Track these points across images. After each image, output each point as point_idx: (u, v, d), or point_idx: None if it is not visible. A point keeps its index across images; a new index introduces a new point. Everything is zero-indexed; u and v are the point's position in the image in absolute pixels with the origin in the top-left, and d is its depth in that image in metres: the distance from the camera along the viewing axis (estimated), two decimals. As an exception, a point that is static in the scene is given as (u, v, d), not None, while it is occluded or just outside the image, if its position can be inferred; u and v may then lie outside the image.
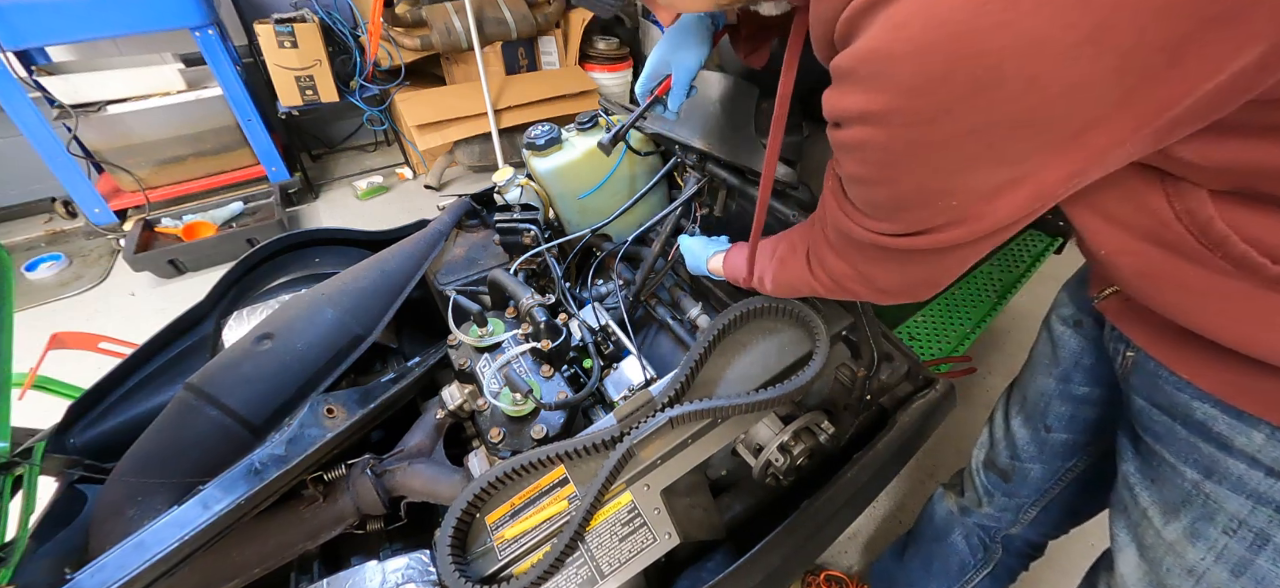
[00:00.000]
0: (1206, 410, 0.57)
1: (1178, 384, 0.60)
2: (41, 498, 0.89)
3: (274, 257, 1.33)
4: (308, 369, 1.01)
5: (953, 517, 1.11)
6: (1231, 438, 0.55)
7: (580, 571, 0.74)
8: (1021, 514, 1.00)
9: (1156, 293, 0.55)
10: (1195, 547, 0.61)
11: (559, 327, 1.01)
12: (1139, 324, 0.64)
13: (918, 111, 0.40)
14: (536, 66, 3.25)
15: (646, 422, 0.80)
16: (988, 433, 1.02)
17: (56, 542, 0.86)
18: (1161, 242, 0.51)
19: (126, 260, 2.36)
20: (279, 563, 0.84)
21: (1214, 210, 0.46)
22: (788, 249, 0.77)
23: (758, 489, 1.04)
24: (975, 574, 1.10)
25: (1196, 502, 0.60)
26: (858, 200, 0.56)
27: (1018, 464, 0.95)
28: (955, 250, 0.53)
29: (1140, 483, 0.68)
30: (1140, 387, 0.66)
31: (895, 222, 0.53)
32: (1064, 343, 0.85)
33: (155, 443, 0.90)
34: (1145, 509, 0.66)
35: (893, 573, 1.29)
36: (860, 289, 0.66)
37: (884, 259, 0.59)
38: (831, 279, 0.68)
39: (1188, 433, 0.60)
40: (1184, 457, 0.61)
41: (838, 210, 0.60)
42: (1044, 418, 0.89)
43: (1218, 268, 0.48)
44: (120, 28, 2.22)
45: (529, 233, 1.20)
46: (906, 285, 0.63)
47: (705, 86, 1.10)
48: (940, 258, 0.55)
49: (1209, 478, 0.58)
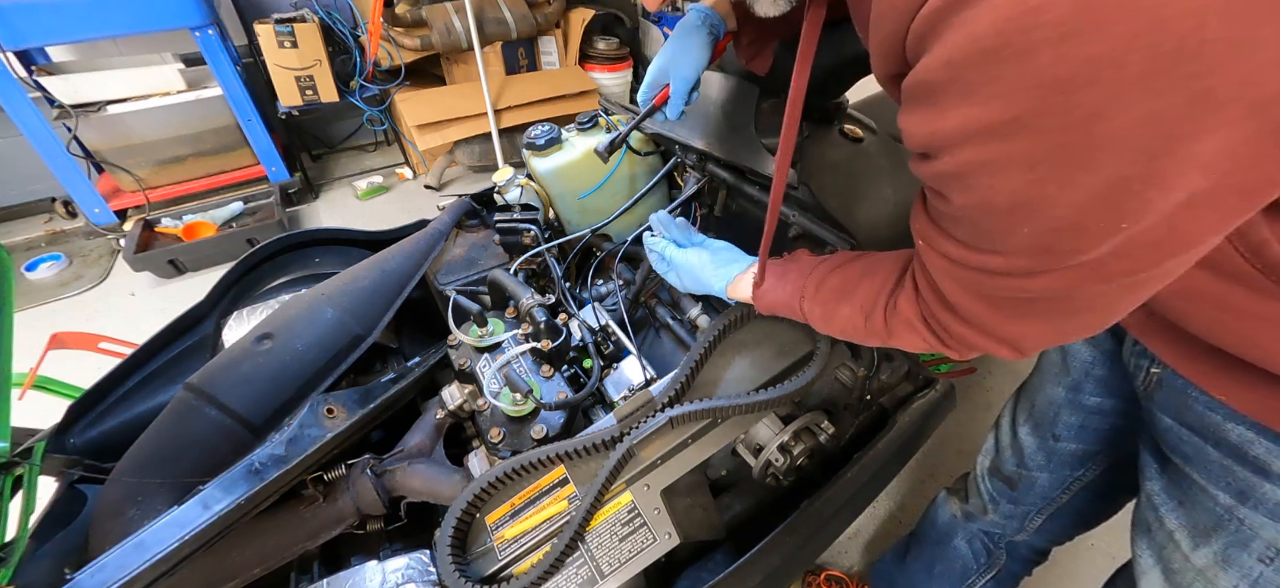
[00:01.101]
0: (1242, 433, 0.54)
1: (1209, 404, 0.57)
2: (41, 498, 0.89)
3: (274, 257, 1.33)
4: (308, 369, 1.01)
5: (956, 522, 1.10)
6: (1269, 462, 0.53)
7: (580, 571, 0.74)
8: (1027, 522, 0.98)
9: (1195, 312, 0.52)
10: (1227, 574, 0.58)
11: (559, 327, 1.01)
12: (1166, 340, 0.60)
13: (1072, 108, 0.31)
14: (536, 66, 3.25)
15: (646, 422, 0.80)
16: (994, 440, 1.01)
17: (56, 542, 0.86)
18: (1207, 261, 0.44)
19: (126, 260, 2.36)
20: (279, 563, 0.84)
21: (1269, 233, 0.42)
22: (870, 299, 0.62)
23: (758, 489, 1.04)
24: (978, 579, 1.09)
25: (1229, 527, 0.57)
26: (980, 235, 0.43)
27: (1024, 473, 0.93)
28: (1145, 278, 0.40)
29: (1166, 504, 0.65)
30: (1167, 405, 0.63)
31: (1051, 255, 0.40)
32: (1075, 352, 0.83)
33: (155, 443, 0.90)
34: (1172, 532, 0.64)
35: (894, 575, 1.28)
36: (996, 348, 0.52)
37: (1035, 308, 0.45)
38: (952, 339, 0.54)
39: (1221, 455, 0.57)
40: (1216, 480, 0.58)
41: (956, 260, 0.46)
42: (1053, 427, 0.87)
43: (1268, 291, 0.45)
44: (120, 28, 2.23)
45: (529, 233, 1.20)
46: (1060, 333, 0.50)
47: (706, 87, 1.10)
48: (1118, 292, 0.42)
49: (1244, 503, 0.56)
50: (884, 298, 0.60)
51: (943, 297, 0.51)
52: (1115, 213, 0.34)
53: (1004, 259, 0.42)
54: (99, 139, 2.43)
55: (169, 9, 2.23)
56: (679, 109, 0.87)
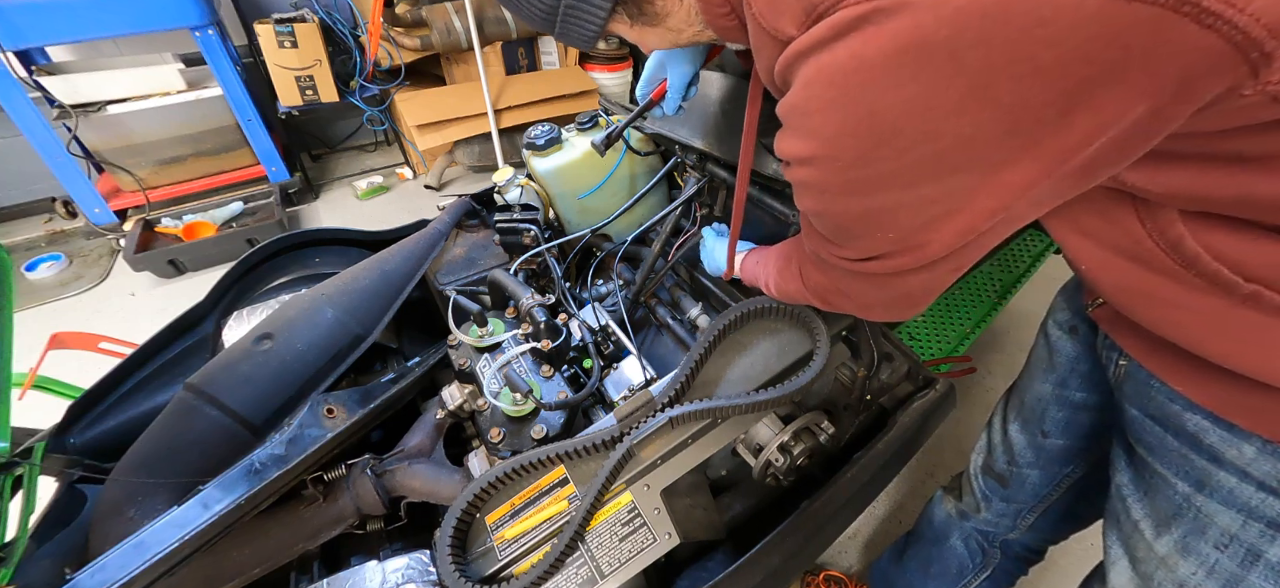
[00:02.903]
0: (1198, 422, 0.56)
1: (1170, 395, 0.59)
2: (41, 498, 0.89)
3: (274, 257, 1.33)
4: (308, 369, 1.01)
5: (951, 520, 1.11)
6: (1223, 451, 0.55)
7: (580, 571, 0.74)
8: (1020, 520, 0.99)
9: (1137, 307, 0.55)
10: (1186, 561, 0.60)
11: (559, 327, 1.01)
12: (1130, 334, 0.63)
13: (841, 157, 0.45)
14: (536, 66, 3.25)
15: (646, 422, 0.80)
16: (986, 438, 1.02)
17: (56, 542, 0.86)
18: (1137, 258, 0.51)
19: (126, 260, 2.36)
20: (279, 563, 0.84)
21: (1184, 229, 0.46)
22: (784, 259, 0.80)
23: (758, 489, 1.04)
24: (974, 578, 1.10)
25: (1188, 515, 0.59)
26: (817, 228, 0.59)
27: (1015, 470, 0.95)
28: (914, 274, 0.55)
29: (1133, 495, 0.67)
30: (1133, 396, 0.65)
31: (848, 248, 0.56)
32: (1060, 348, 0.84)
33: (155, 443, 0.90)
34: (1137, 522, 0.66)
35: (891, 575, 1.28)
36: (843, 303, 0.68)
37: (854, 279, 0.61)
38: (817, 292, 0.71)
39: (1180, 445, 0.59)
40: (1176, 469, 0.60)
41: (808, 233, 0.63)
42: (1041, 424, 0.89)
43: (1193, 285, 0.48)
44: (120, 28, 2.22)
45: (529, 233, 1.20)
46: (883, 302, 0.64)
47: (705, 87, 1.10)
48: (902, 280, 0.56)
49: (1200, 491, 0.57)
50: (797, 265, 0.75)
51: (807, 253, 0.69)
52: (871, 235, 0.51)
53: (826, 242, 0.59)
54: (99, 139, 2.43)
55: (169, 9, 2.23)
56: (676, 104, 0.87)
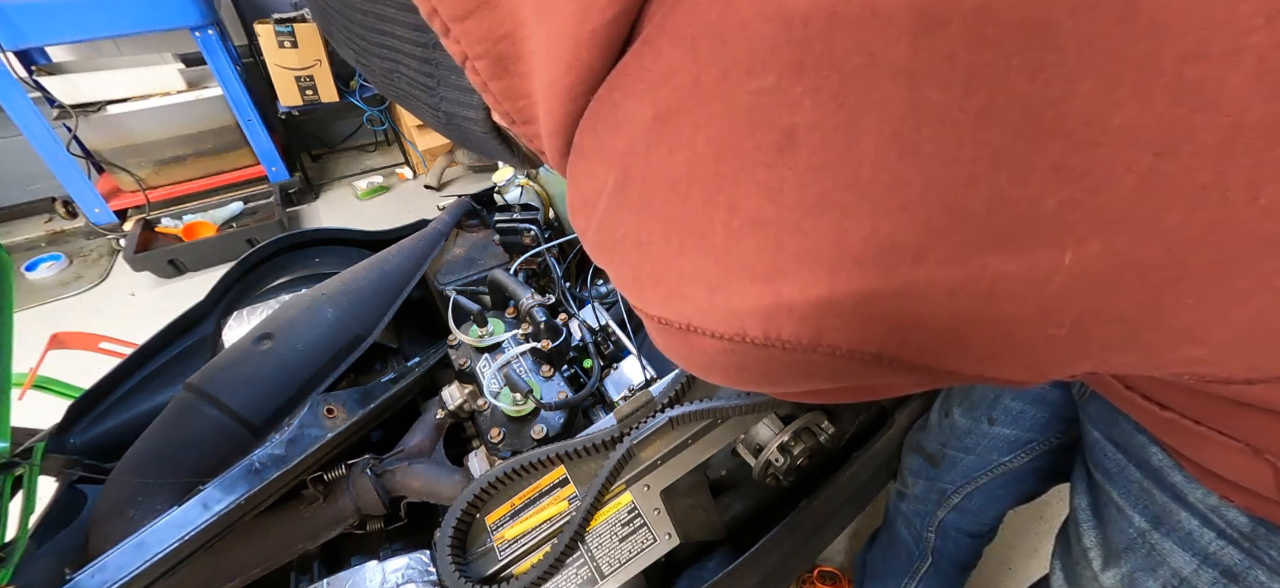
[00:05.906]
0: (1162, 458, 0.54)
1: (1135, 425, 0.56)
2: (41, 498, 0.89)
3: (274, 257, 1.33)
4: (308, 369, 1.01)
5: (895, 504, 1.12)
6: (1187, 492, 0.52)
7: (580, 571, 0.74)
8: (945, 499, 0.98)
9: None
10: None
11: (559, 327, 1.01)
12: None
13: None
14: (536, 66, 3.25)
15: (647, 422, 0.80)
16: (926, 418, 1.01)
17: (56, 542, 0.86)
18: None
19: (126, 260, 2.36)
20: (279, 563, 0.84)
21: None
22: None
23: (758, 489, 1.04)
24: (921, 564, 1.09)
25: (1140, 550, 0.57)
26: None
27: (948, 453, 0.94)
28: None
29: (1087, 522, 0.65)
30: (1097, 419, 0.63)
31: None
32: None
33: (155, 443, 0.90)
34: (1087, 550, 0.64)
35: (865, 560, 1.31)
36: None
37: None
38: None
39: (1142, 477, 0.56)
40: (1134, 501, 0.57)
41: None
42: (991, 411, 0.87)
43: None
44: (120, 28, 2.22)
45: (529, 233, 1.20)
46: None
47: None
48: None
49: (1157, 529, 0.55)
50: None
51: None
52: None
53: None
54: (99, 139, 2.43)
55: (169, 9, 2.23)
56: None
